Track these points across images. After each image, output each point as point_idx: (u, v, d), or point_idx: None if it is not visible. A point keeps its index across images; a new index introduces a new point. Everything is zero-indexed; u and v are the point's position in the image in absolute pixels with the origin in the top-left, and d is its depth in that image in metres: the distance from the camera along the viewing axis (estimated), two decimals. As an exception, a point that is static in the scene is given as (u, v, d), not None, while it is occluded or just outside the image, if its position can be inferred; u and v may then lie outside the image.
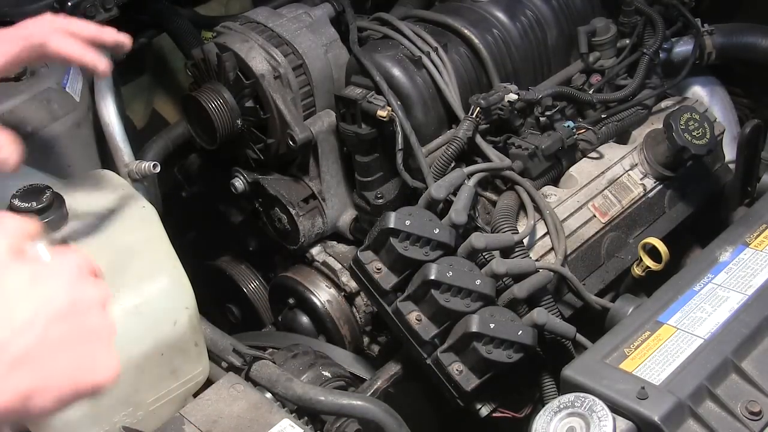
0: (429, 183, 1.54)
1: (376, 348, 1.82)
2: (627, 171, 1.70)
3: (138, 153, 1.78)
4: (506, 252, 1.49)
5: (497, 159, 1.61)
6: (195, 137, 1.81)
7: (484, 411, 1.45)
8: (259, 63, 1.70)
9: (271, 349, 1.58)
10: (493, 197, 1.62)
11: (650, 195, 1.69)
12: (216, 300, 2.03)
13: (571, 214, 1.61)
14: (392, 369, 1.57)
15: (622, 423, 1.16)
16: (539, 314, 1.40)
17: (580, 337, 1.46)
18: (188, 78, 1.85)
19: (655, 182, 1.70)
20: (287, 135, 1.71)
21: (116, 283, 1.30)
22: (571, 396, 1.17)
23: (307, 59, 1.72)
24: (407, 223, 1.41)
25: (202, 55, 1.75)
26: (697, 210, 1.74)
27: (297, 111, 1.72)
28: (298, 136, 1.71)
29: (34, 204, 1.32)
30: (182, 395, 1.38)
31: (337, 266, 1.79)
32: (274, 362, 1.48)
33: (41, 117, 1.61)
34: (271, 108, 1.71)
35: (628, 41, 1.83)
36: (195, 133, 1.80)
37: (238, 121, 1.73)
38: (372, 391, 1.53)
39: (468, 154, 1.64)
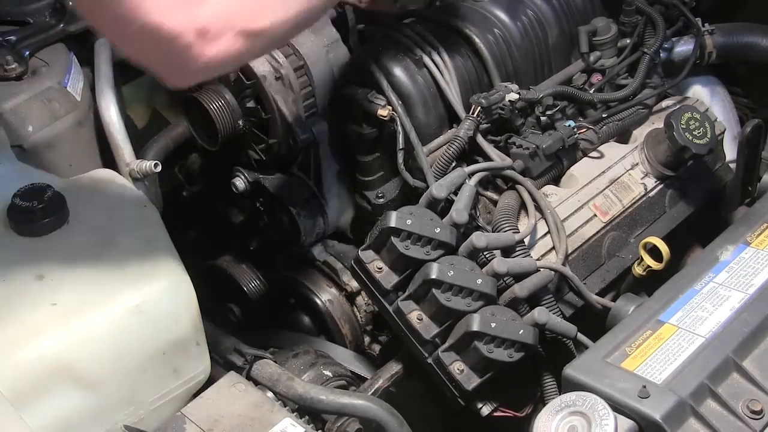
0: (430, 182, 1.54)
1: (377, 347, 1.82)
2: (628, 170, 1.70)
3: (139, 152, 1.78)
4: (507, 251, 1.49)
5: (498, 158, 1.61)
6: (196, 138, 1.81)
7: (485, 410, 1.45)
8: (260, 64, 1.69)
9: (272, 349, 1.58)
10: (494, 197, 1.62)
11: (651, 194, 1.69)
12: (217, 299, 2.03)
13: (572, 214, 1.61)
14: (393, 368, 1.57)
15: (624, 422, 1.16)
16: (540, 313, 1.40)
17: (581, 336, 1.46)
18: (189, 78, 1.85)
19: (655, 182, 1.70)
20: (289, 135, 1.71)
21: (117, 283, 1.30)
22: (572, 395, 1.17)
23: (308, 60, 1.72)
24: (408, 222, 1.41)
25: (203, 54, 1.74)
26: (698, 209, 1.74)
27: (298, 111, 1.72)
28: (300, 137, 1.71)
29: (35, 204, 1.32)
30: (183, 394, 1.38)
31: (338, 265, 1.79)
32: (275, 361, 1.48)
33: (42, 116, 1.61)
34: (273, 109, 1.71)
35: (628, 41, 1.83)
36: (196, 134, 1.80)
37: (240, 122, 1.73)
38: (373, 390, 1.53)
39: (469, 153, 1.64)
